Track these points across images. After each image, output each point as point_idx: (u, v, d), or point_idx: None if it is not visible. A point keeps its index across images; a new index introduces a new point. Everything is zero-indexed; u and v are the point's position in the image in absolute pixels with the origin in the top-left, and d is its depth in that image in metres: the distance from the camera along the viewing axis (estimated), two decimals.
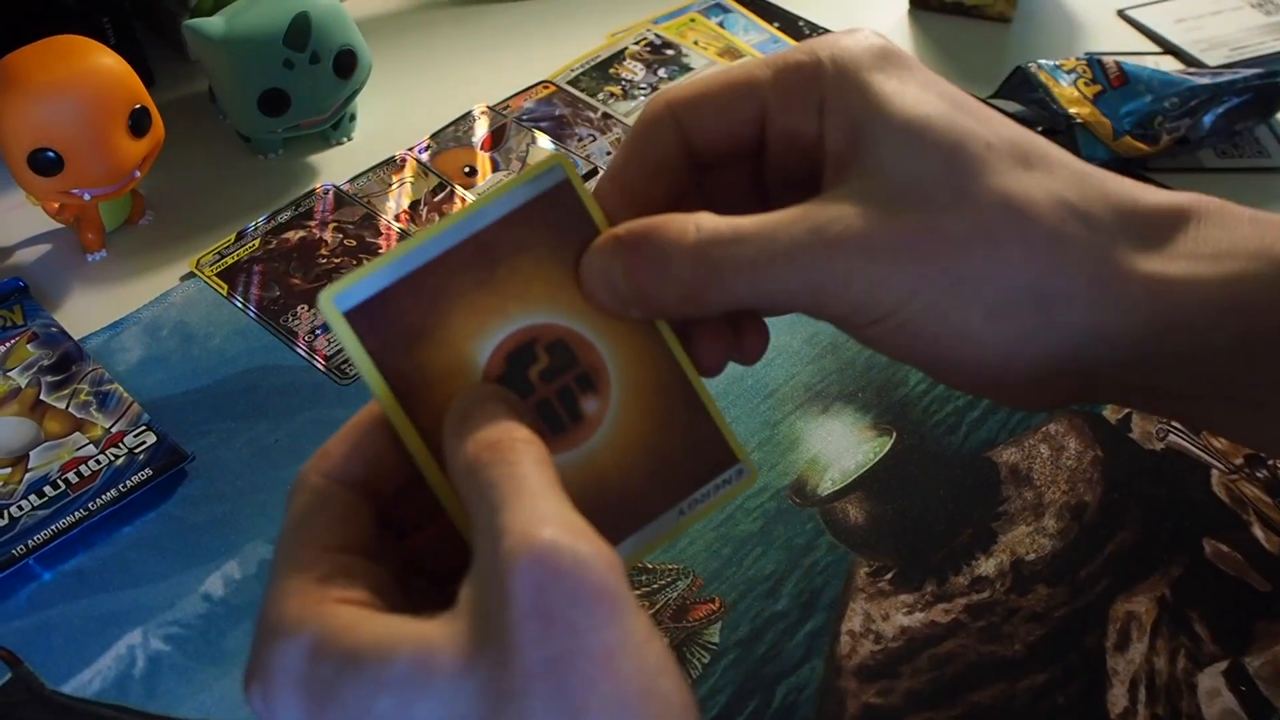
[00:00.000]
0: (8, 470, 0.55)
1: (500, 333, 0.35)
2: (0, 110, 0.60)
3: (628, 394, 0.36)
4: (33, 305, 0.63)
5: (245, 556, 0.52)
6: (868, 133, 0.33)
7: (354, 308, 0.33)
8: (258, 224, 0.68)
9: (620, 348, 0.36)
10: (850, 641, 0.49)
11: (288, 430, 0.58)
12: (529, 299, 0.35)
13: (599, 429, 0.35)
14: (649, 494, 0.36)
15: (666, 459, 0.36)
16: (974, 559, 0.52)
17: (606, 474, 0.35)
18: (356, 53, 0.70)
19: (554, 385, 0.35)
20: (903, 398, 0.59)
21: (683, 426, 0.36)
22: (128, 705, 0.47)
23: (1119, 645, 0.49)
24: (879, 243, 0.31)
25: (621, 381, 0.36)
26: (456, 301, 0.34)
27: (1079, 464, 0.56)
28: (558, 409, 0.35)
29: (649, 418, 0.36)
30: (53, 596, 0.51)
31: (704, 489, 0.36)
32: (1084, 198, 0.32)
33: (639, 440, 0.36)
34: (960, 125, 0.32)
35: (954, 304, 0.31)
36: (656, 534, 0.36)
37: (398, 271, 0.34)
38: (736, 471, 0.36)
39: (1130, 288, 0.31)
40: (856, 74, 0.33)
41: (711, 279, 0.32)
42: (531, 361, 0.35)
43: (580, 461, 0.35)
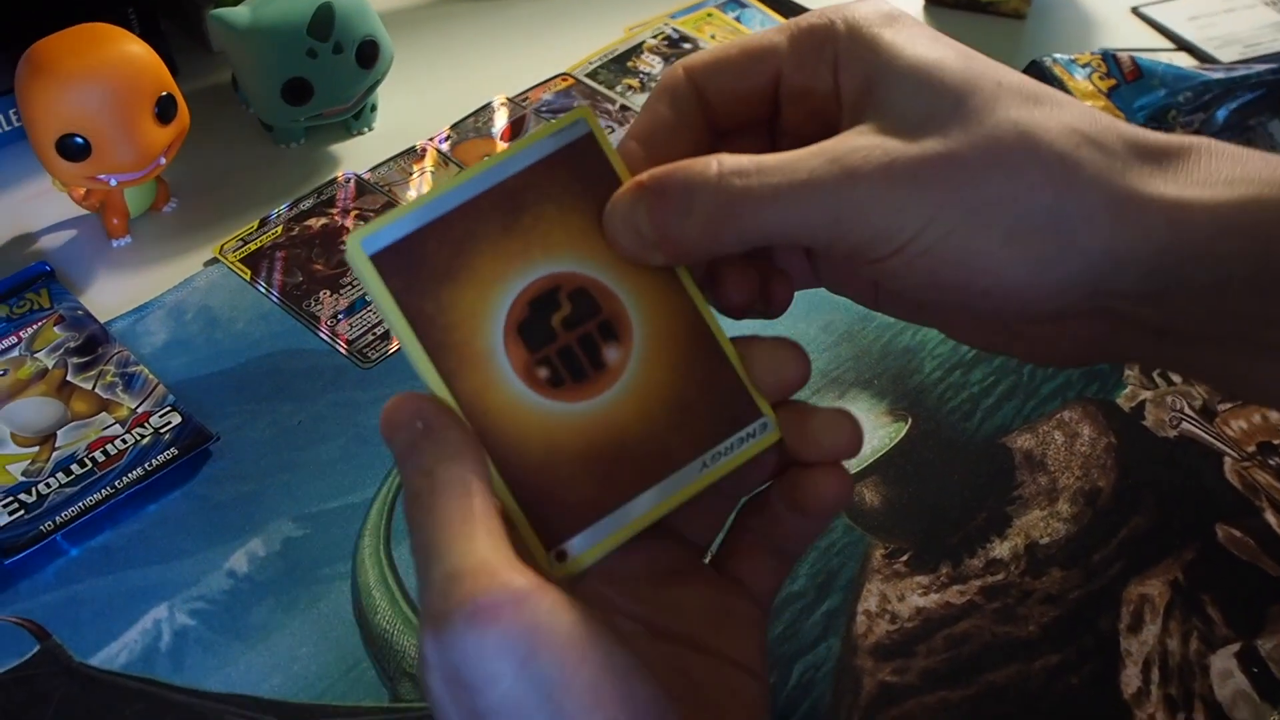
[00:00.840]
0: (36, 449, 0.55)
1: (524, 279, 0.35)
2: (29, 96, 0.61)
3: (650, 344, 0.36)
4: (59, 289, 0.64)
5: (269, 534, 0.53)
6: (881, 79, 0.34)
7: (380, 251, 0.34)
8: (280, 211, 0.69)
9: (643, 297, 0.36)
10: (866, 621, 0.50)
11: (310, 412, 0.58)
12: (553, 247, 0.35)
13: (621, 378, 0.36)
14: (671, 444, 0.36)
15: (689, 409, 0.36)
16: (989, 542, 0.53)
17: (628, 423, 0.36)
18: (379, 43, 0.70)
19: (576, 333, 0.35)
20: (918, 384, 0.59)
21: (705, 378, 0.36)
22: (154, 678, 0.48)
23: (1132, 627, 0.50)
24: (898, 169, 0.32)
25: (644, 331, 0.36)
26: (481, 246, 0.35)
27: (1093, 450, 0.56)
28: (580, 356, 0.35)
29: (671, 368, 0.36)
30: (80, 572, 0.52)
31: (727, 442, 0.36)
32: (1095, 128, 0.32)
33: (661, 390, 0.36)
34: (971, 68, 0.33)
35: (973, 228, 0.32)
36: (679, 486, 0.36)
37: (424, 217, 0.35)
38: (760, 425, 0.37)
39: (1146, 210, 0.31)
40: (868, 29, 0.34)
41: (733, 212, 0.33)
42: (554, 308, 0.35)
43: (602, 410, 0.35)
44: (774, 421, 0.37)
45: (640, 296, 0.36)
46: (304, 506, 0.54)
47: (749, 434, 0.37)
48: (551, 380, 0.35)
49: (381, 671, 0.48)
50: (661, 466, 0.36)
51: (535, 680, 0.29)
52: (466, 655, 0.29)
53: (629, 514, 0.36)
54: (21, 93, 0.61)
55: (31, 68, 0.61)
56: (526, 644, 0.29)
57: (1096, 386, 0.59)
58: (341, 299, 0.64)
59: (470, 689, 0.29)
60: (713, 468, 0.36)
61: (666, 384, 0.36)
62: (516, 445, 0.35)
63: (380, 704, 0.47)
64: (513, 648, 0.29)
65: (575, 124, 0.36)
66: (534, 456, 0.35)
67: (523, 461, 0.35)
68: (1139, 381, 0.59)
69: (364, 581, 0.51)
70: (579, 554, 0.35)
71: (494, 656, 0.29)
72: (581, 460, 0.35)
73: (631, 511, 0.36)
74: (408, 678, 0.48)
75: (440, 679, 0.29)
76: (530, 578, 0.30)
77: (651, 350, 0.36)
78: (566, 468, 0.35)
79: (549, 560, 0.35)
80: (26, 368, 0.59)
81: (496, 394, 0.35)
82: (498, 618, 0.29)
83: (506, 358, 0.35)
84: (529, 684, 0.29)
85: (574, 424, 0.35)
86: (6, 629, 0.50)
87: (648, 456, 0.36)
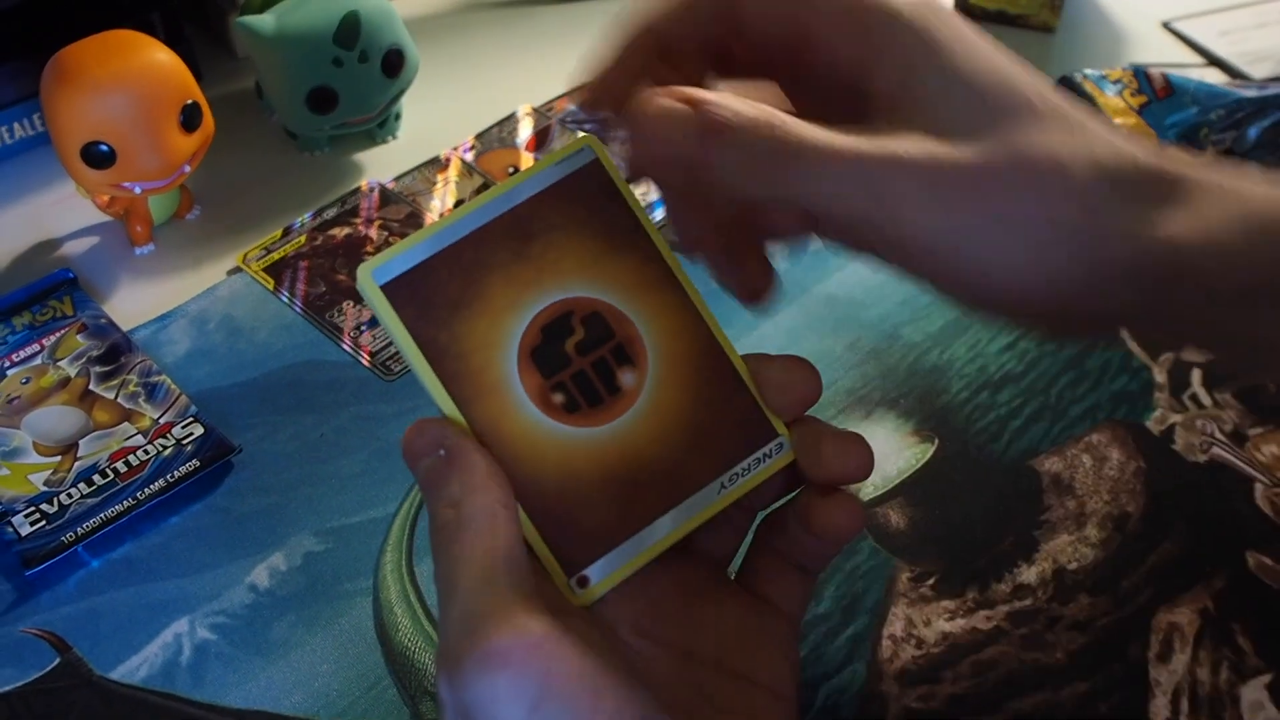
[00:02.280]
0: (57, 458, 0.55)
1: (536, 305, 0.35)
2: (55, 104, 0.61)
3: (664, 367, 0.36)
4: (82, 297, 0.63)
5: (291, 549, 0.53)
6: (926, 76, 0.34)
7: (391, 281, 0.34)
8: (304, 220, 0.69)
9: (656, 320, 0.36)
10: (892, 646, 0.50)
11: (333, 425, 0.58)
12: (564, 272, 0.35)
13: (636, 401, 0.36)
14: (688, 467, 0.36)
15: (705, 432, 0.36)
16: (1016, 566, 0.52)
17: (645, 447, 0.36)
18: (404, 52, 0.70)
19: (590, 357, 0.35)
20: (945, 405, 0.59)
21: (721, 399, 0.36)
22: (175, 693, 0.48)
23: (1161, 656, 0.49)
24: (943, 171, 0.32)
25: (658, 354, 0.36)
26: (493, 274, 0.35)
27: (1121, 474, 0.56)
28: (594, 381, 0.35)
29: (686, 390, 0.36)
30: (101, 584, 0.52)
31: (744, 463, 0.36)
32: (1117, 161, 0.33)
33: (677, 413, 0.36)
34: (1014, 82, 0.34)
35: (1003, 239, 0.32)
36: (698, 508, 0.36)
37: (435, 246, 0.35)
38: (777, 445, 0.37)
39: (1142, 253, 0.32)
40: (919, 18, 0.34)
41: (781, 159, 0.32)
42: (568, 334, 0.35)
43: (618, 434, 0.35)
44: (790, 440, 0.37)
45: (653, 319, 0.36)
46: (326, 520, 0.54)
47: (765, 454, 0.37)
48: (567, 406, 0.35)
49: (403, 690, 0.48)
50: (680, 489, 0.36)
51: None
52: (478, 698, 0.29)
53: (648, 538, 0.36)
54: (47, 99, 0.61)
55: (57, 74, 0.61)
56: (537, 688, 0.29)
57: (1126, 409, 0.58)
58: (365, 310, 0.63)
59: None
60: (731, 489, 0.36)
61: (682, 406, 0.36)
62: (533, 472, 0.35)
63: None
64: (522, 692, 0.29)
65: (581, 151, 0.36)
66: (551, 483, 0.35)
67: (540, 488, 0.35)
68: (1169, 405, 0.58)
69: (386, 598, 0.51)
70: (599, 581, 0.35)
71: (505, 700, 0.29)
72: (599, 485, 0.35)
73: (651, 536, 0.36)
74: (429, 696, 0.48)
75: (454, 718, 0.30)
76: (546, 621, 0.30)
77: (666, 372, 0.36)
78: (584, 493, 0.35)
79: (570, 588, 0.35)
80: (49, 376, 0.59)
81: (512, 421, 0.35)
82: (508, 662, 0.29)
83: (521, 384, 0.35)
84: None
85: (590, 449, 0.35)
86: (27, 641, 0.50)
87: (666, 480, 0.36)
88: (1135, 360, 0.61)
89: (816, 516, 0.37)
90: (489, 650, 0.29)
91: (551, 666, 0.29)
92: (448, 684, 0.30)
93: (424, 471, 0.34)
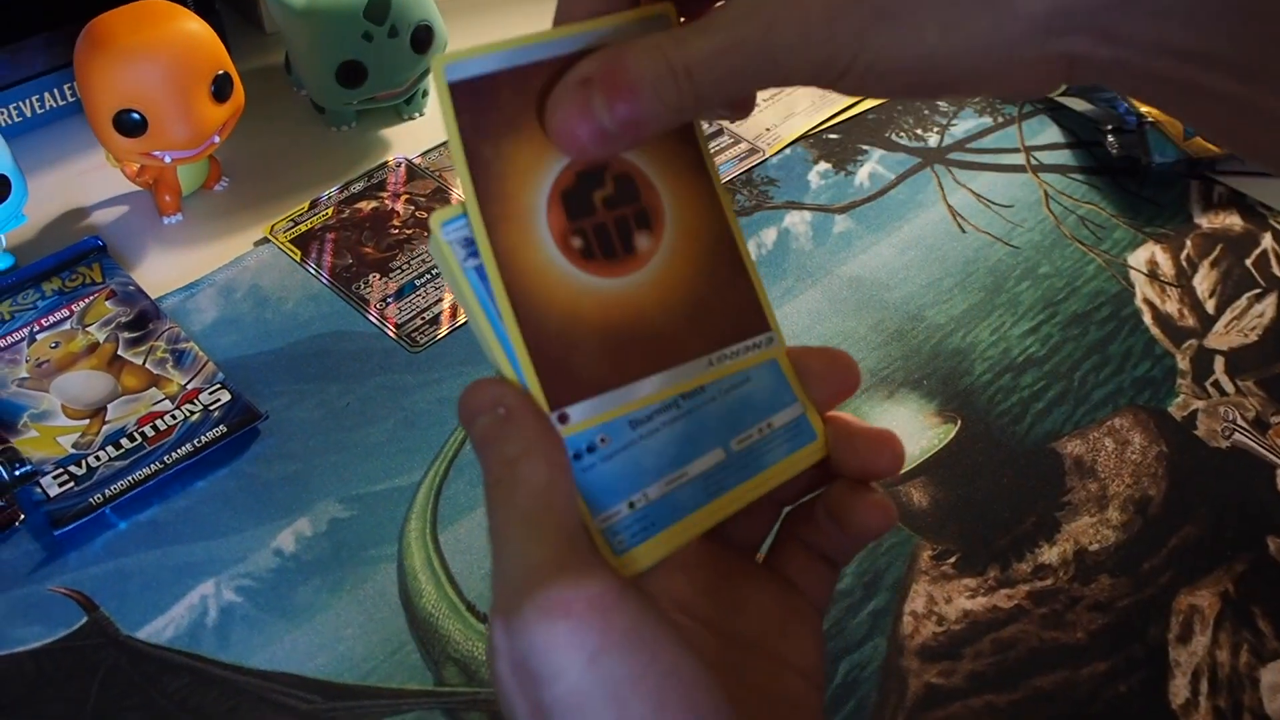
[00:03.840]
0: (86, 421, 0.56)
1: None
2: (88, 71, 0.61)
3: (679, 241, 0.37)
4: (111, 264, 0.64)
5: (316, 514, 0.53)
6: None
7: (460, 81, 0.35)
8: (331, 193, 0.69)
9: (680, 198, 0.37)
10: (913, 622, 0.50)
11: (358, 394, 0.58)
12: None
13: (647, 265, 0.37)
14: (683, 337, 0.37)
15: (704, 307, 0.37)
16: (1037, 547, 0.52)
17: (646, 308, 0.37)
18: (434, 28, 0.70)
19: (614, 213, 0.36)
20: (967, 386, 0.59)
21: (724, 282, 0.38)
22: (201, 654, 0.48)
23: (1181, 637, 0.49)
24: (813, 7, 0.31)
25: (675, 229, 0.37)
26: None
27: (1143, 458, 0.56)
28: (613, 235, 0.36)
29: (694, 266, 0.37)
30: (128, 545, 0.52)
31: (734, 346, 0.38)
32: None
33: (682, 284, 0.37)
34: None
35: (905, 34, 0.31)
36: (684, 377, 0.37)
37: (508, 61, 0.35)
38: (766, 339, 0.38)
39: None
40: None
41: (689, 88, 0.32)
42: (598, 185, 0.36)
43: (624, 291, 0.36)
44: (780, 338, 0.38)
45: (678, 196, 0.37)
46: (351, 488, 0.54)
47: (755, 344, 0.38)
48: (584, 252, 0.36)
49: (426, 655, 0.48)
50: (671, 355, 0.37)
51: (602, 677, 0.29)
52: (535, 646, 0.29)
53: (633, 393, 0.36)
54: (80, 67, 0.62)
55: (91, 42, 0.61)
56: (596, 640, 0.29)
57: (1148, 394, 0.58)
58: (391, 283, 0.64)
59: (537, 679, 0.29)
60: (716, 367, 0.38)
61: (688, 280, 0.37)
62: (541, 304, 0.36)
63: (425, 687, 0.47)
64: (582, 643, 0.29)
65: (659, 17, 0.36)
66: (553, 319, 0.36)
67: (543, 321, 0.36)
68: (1191, 391, 0.59)
69: (410, 565, 0.51)
70: (580, 420, 0.35)
71: (563, 649, 0.29)
72: (596, 333, 0.36)
73: (635, 392, 0.37)
74: (452, 662, 0.48)
75: (508, 667, 0.29)
76: (606, 576, 0.30)
77: (680, 247, 0.37)
78: (581, 337, 0.36)
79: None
80: (78, 341, 0.59)
81: (531, 252, 0.36)
82: (570, 612, 0.29)
83: (546, 219, 0.36)
84: (595, 680, 0.29)
85: (595, 298, 0.36)
86: (56, 599, 0.50)
87: (659, 343, 0.37)
88: (1159, 347, 0.61)
89: (849, 514, 0.37)
90: (551, 599, 0.29)
91: (611, 620, 0.29)
92: (505, 633, 0.29)
93: (481, 429, 0.34)
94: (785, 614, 0.38)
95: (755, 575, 0.39)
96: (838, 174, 0.71)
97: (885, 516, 0.37)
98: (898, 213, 0.69)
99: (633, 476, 0.36)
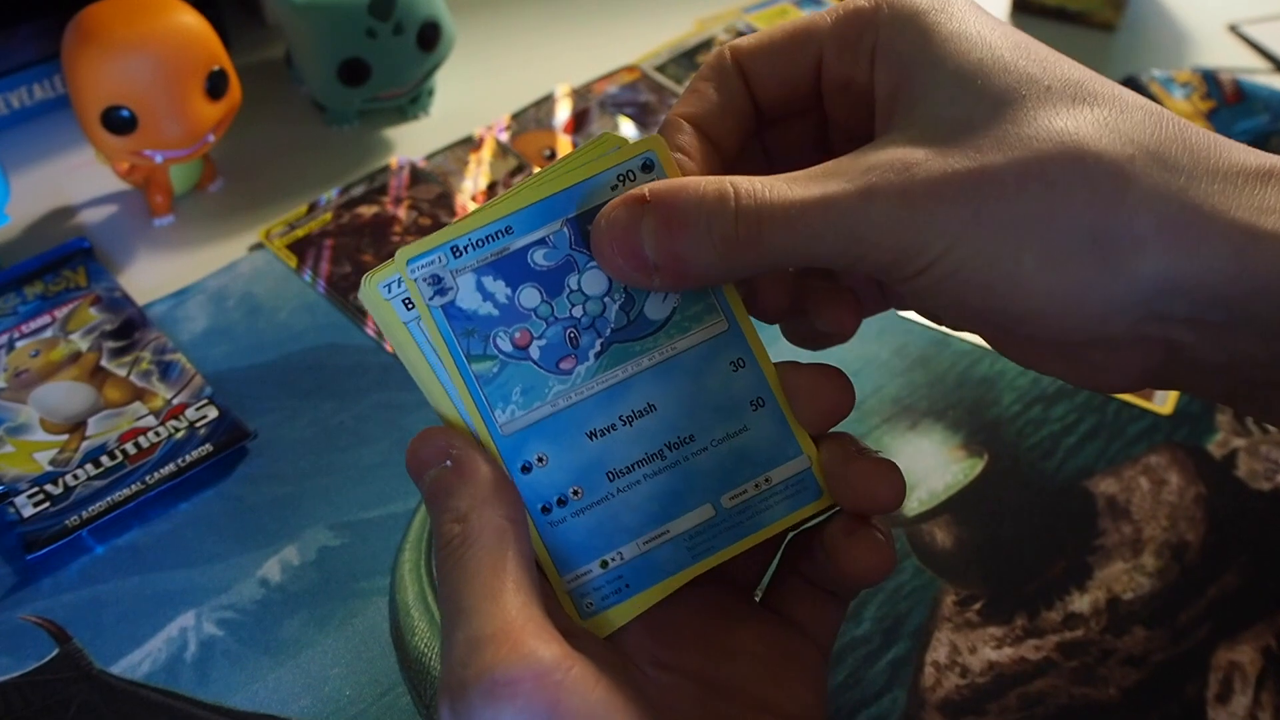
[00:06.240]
0: (65, 437, 0.53)
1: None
2: (76, 65, 0.58)
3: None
4: (97, 268, 0.61)
5: (305, 542, 0.50)
6: (916, 77, 0.31)
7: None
8: (330, 197, 0.66)
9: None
10: (935, 674, 0.47)
11: (353, 412, 0.55)
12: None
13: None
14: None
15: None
16: (1068, 594, 0.49)
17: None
18: (440, 26, 0.67)
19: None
20: (995, 418, 0.56)
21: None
22: (178, 691, 0.45)
23: (1221, 697, 0.46)
24: (918, 187, 0.29)
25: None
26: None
27: (1180, 500, 0.53)
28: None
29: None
30: (105, 571, 0.49)
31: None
32: (1157, 138, 0.29)
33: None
34: (1017, 69, 0.30)
35: (1003, 249, 0.28)
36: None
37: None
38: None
39: (1209, 234, 0.28)
40: (912, 16, 0.31)
41: (752, 235, 0.30)
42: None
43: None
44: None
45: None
46: (342, 514, 0.51)
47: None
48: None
49: (417, 698, 0.45)
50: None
51: None
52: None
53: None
54: (68, 60, 0.59)
55: (79, 34, 0.58)
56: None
57: (1186, 431, 0.55)
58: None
59: None
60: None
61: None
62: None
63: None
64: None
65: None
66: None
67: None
68: (1232, 428, 0.55)
69: (403, 599, 0.48)
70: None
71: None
72: None
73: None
74: None
75: None
76: (556, 648, 0.29)
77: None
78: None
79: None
80: (59, 349, 0.57)
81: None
82: (514, 694, 0.27)
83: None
84: None
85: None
86: (26, 629, 0.47)
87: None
88: None
89: (844, 556, 0.34)
90: (496, 680, 0.27)
91: (561, 698, 0.28)
92: (450, 712, 0.28)
93: (429, 483, 0.32)
94: (780, 658, 0.35)
95: (749, 616, 0.36)
96: None
97: (882, 562, 0.34)
98: None
99: (608, 533, 0.34)
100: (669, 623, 0.35)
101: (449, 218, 0.64)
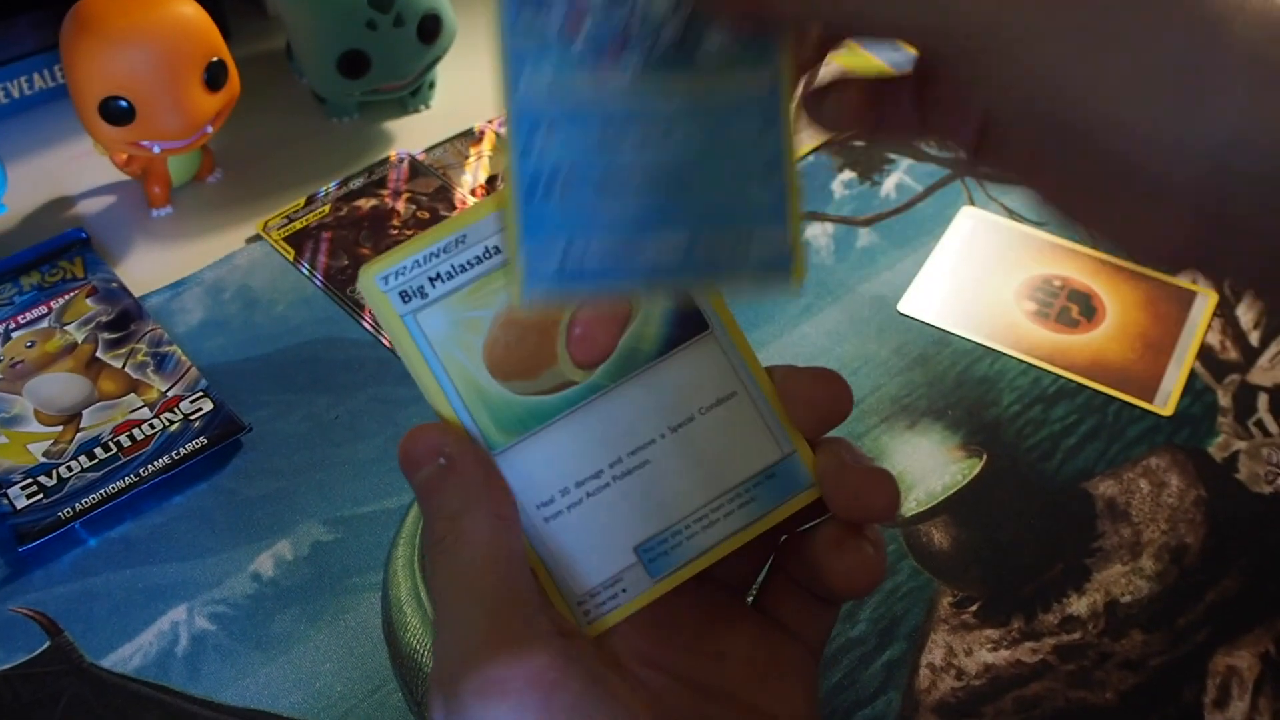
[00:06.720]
0: (59, 428, 0.53)
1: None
2: (74, 55, 0.58)
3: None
4: (94, 258, 0.61)
5: (298, 537, 0.50)
6: None
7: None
8: (329, 189, 0.66)
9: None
10: (930, 675, 0.46)
11: (349, 407, 0.55)
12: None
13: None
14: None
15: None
16: (1065, 596, 0.49)
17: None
18: (442, 18, 0.67)
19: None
20: (995, 418, 0.55)
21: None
22: (169, 685, 0.45)
23: (1218, 702, 0.46)
24: None
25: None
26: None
27: (1180, 503, 0.52)
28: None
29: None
30: (97, 564, 0.49)
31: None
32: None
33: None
34: None
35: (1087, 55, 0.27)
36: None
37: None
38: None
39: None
40: None
41: None
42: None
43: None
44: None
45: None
46: (336, 508, 0.51)
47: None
48: None
49: (409, 695, 0.45)
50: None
51: None
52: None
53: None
54: (66, 50, 0.58)
55: (77, 24, 0.58)
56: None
57: (1187, 433, 0.55)
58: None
59: None
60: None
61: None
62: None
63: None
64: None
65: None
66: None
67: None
68: (1233, 430, 0.55)
69: (395, 595, 0.48)
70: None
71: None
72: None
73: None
74: None
75: None
76: (548, 647, 0.29)
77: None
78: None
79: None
80: (55, 340, 0.56)
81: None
82: (507, 691, 0.27)
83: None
84: None
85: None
86: (17, 621, 0.47)
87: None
88: (1199, 381, 0.57)
89: (833, 567, 0.33)
90: (488, 679, 0.27)
91: (552, 697, 0.28)
92: (443, 711, 0.28)
93: (422, 481, 0.31)
94: (771, 661, 0.35)
95: (740, 619, 0.36)
96: (863, 184, 0.68)
97: (869, 575, 0.33)
98: (925, 227, 0.65)
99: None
100: (661, 623, 0.34)
101: (448, 211, 0.64)
